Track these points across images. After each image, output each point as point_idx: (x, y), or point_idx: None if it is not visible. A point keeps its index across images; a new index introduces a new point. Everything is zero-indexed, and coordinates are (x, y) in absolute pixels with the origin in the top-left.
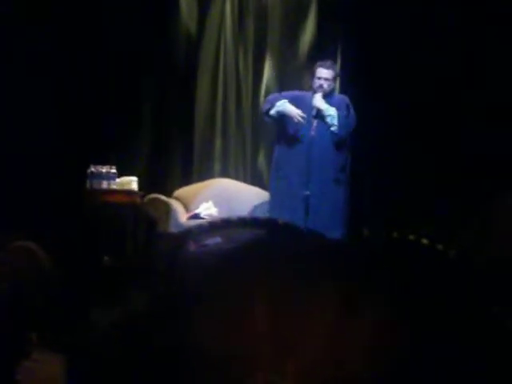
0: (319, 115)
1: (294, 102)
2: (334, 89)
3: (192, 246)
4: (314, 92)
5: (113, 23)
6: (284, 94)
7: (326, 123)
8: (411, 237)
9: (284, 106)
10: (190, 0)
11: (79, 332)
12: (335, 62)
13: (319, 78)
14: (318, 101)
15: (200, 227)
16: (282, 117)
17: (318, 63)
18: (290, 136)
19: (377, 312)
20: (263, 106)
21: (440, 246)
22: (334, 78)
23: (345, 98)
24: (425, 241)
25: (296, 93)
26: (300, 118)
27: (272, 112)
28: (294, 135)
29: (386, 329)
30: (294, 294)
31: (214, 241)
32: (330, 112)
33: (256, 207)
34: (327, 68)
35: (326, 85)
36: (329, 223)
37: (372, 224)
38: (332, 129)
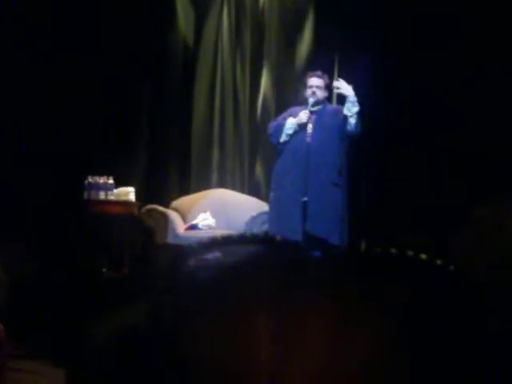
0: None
1: (295, 116)
2: (326, 98)
3: (192, 261)
4: (306, 100)
5: (111, 34)
6: (284, 115)
7: (349, 114)
8: (410, 252)
9: (291, 125)
10: (187, 11)
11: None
12: (333, 72)
13: (311, 87)
14: (343, 83)
15: (200, 244)
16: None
17: (309, 73)
18: (287, 146)
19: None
20: (271, 138)
21: (439, 261)
22: (326, 87)
23: (339, 108)
24: (423, 256)
25: (293, 109)
26: (306, 117)
27: (284, 139)
28: (291, 145)
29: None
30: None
31: (213, 255)
32: (354, 98)
33: (254, 217)
34: (318, 77)
35: (318, 92)
36: (327, 228)
37: (370, 232)
38: (349, 114)
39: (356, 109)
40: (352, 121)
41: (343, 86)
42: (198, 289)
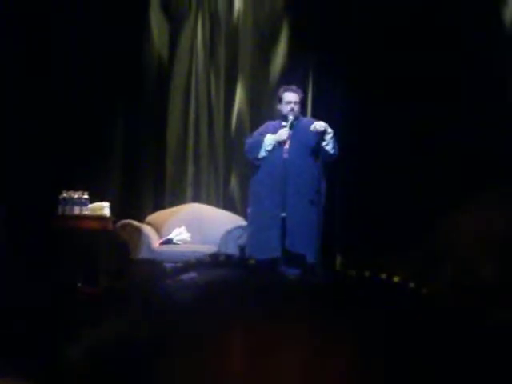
0: (323, 137)
1: (273, 131)
2: (300, 113)
3: (168, 281)
4: (284, 116)
5: (85, 49)
6: (260, 131)
7: (325, 144)
8: (383, 275)
9: (271, 141)
10: (161, 26)
11: (51, 360)
12: (307, 86)
13: (289, 102)
14: (322, 125)
15: (176, 268)
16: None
17: (283, 88)
18: (264, 162)
19: (350, 350)
20: (249, 154)
21: (412, 284)
22: (302, 101)
23: (313, 122)
24: (396, 279)
25: (269, 124)
26: (286, 135)
27: (262, 154)
28: (268, 160)
29: (357, 367)
30: (264, 330)
31: (189, 276)
32: (330, 131)
33: (229, 232)
34: (295, 92)
35: (296, 108)
36: (306, 244)
37: (344, 249)
38: (328, 148)
39: (330, 135)
40: (328, 148)
41: (321, 125)
42: (175, 309)
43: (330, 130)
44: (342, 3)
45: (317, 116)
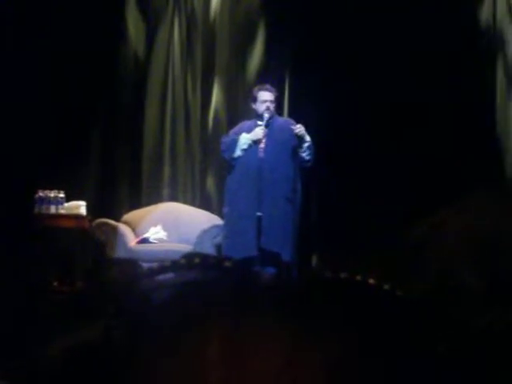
0: (300, 144)
1: (248, 130)
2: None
3: (144, 281)
4: (259, 115)
5: (60, 47)
6: (235, 130)
7: (301, 151)
8: (358, 277)
9: (246, 140)
10: (137, 24)
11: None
12: (283, 85)
13: (264, 101)
14: (302, 130)
15: (151, 269)
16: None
17: (258, 87)
18: (240, 161)
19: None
20: (224, 154)
21: (386, 286)
22: (276, 99)
23: (289, 121)
24: (371, 281)
25: (244, 124)
26: (262, 133)
27: (238, 153)
28: (243, 159)
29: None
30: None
31: (165, 276)
32: (308, 139)
33: (205, 231)
34: (269, 91)
35: (271, 107)
36: (281, 243)
37: (320, 248)
38: (304, 155)
39: (308, 144)
40: (304, 155)
41: (301, 130)
42: (151, 309)
43: (308, 138)
44: (319, 1)
45: (293, 115)
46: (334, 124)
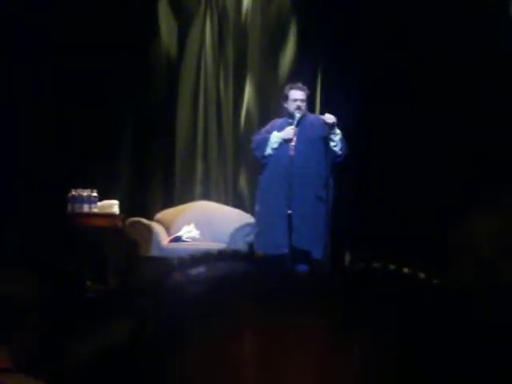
0: (329, 137)
1: (279, 129)
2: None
3: (175, 276)
4: (290, 114)
5: (93, 48)
6: (267, 128)
7: (333, 145)
8: (391, 266)
9: (277, 139)
10: (169, 23)
11: (60, 360)
12: (316, 83)
13: (295, 100)
14: (331, 118)
15: (182, 261)
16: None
17: (290, 86)
18: (271, 159)
19: (364, 347)
20: (255, 152)
21: (422, 275)
22: (308, 98)
23: (320, 117)
24: (406, 269)
25: (276, 122)
26: (292, 133)
27: (268, 152)
28: (274, 158)
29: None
30: (276, 328)
31: (197, 270)
32: (339, 133)
33: (237, 229)
34: (301, 89)
35: (303, 106)
36: (312, 241)
37: (353, 246)
38: (336, 149)
39: (339, 136)
40: (336, 149)
41: (330, 118)
42: (182, 305)
43: (338, 131)
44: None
45: (326, 112)
46: (367, 121)
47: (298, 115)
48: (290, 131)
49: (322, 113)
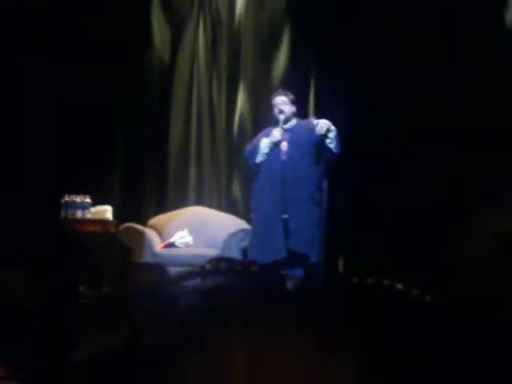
0: (325, 136)
1: (268, 136)
2: (295, 113)
3: (171, 286)
4: (276, 121)
5: (86, 52)
6: (259, 136)
7: (328, 141)
8: (386, 282)
9: (266, 144)
10: (162, 29)
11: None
12: (309, 89)
13: (276, 105)
14: (324, 126)
15: (179, 276)
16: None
17: (273, 95)
18: (263, 165)
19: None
20: (248, 161)
21: (416, 291)
22: (292, 102)
23: (311, 121)
24: (400, 286)
25: (266, 130)
26: (279, 134)
27: (260, 159)
28: (266, 164)
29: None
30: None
31: (192, 282)
32: (334, 130)
33: (231, 235)
34: (282, 94)
35: (285, 109)
36: (309, 245)
37: (348, 249)
38: (331, 146)
39: (334, 133)
40: (331, 146)
41: (323, 124)
42: (177, 315)
43: (333, 127)
44: (344, 6)
45: (319, 118)
46: (360, 124)
47: (281, 117)
48: (276, 133)
49: (316, 117)
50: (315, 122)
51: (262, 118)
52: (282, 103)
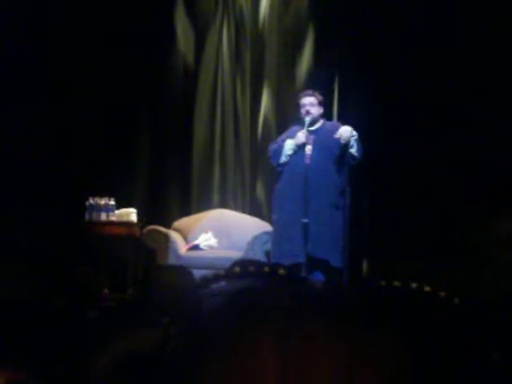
0: (348, 144)
1: (293, 136)
2: (322, 114)
3: (198, 290)
4: (302, 121)
5: (111, 55)
6: (283, 136)
7: (350, 146)
8: (413, 284)
9: (290, 145)
10: (187, 31)
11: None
12: (333, 90)
13: (303, 106)
14: (347, 134)
15: (205, 279)
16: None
17: (300, 94)
18: (287, 167)
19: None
20: (271, 160)
21: (443, 294)
22: (320, 104)
23: (336, 124)
24: (427, 288)
25: (291, 130)
26: (304, 137)
27: (283, 160)
28: (290, 166)
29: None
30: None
31: (218, 285)
32: (355, 135)
33: (255, 237)
34: (309, 95)
35: (312, 110)
36: (328, 249)
37: (371, 254)
38: (352, 150)
39: (355, 137)
40: (352, 150)
41: (344, 133)
42: (204, 318)
43: (354, 132)
44: (368, 7)
45: (343, 119)
46: (384, 127)
47: (307, 119)
48: (301, 136)
49: (340, 118)
50: (338, 133)
51: (287, 119)
52: (310, 104)
